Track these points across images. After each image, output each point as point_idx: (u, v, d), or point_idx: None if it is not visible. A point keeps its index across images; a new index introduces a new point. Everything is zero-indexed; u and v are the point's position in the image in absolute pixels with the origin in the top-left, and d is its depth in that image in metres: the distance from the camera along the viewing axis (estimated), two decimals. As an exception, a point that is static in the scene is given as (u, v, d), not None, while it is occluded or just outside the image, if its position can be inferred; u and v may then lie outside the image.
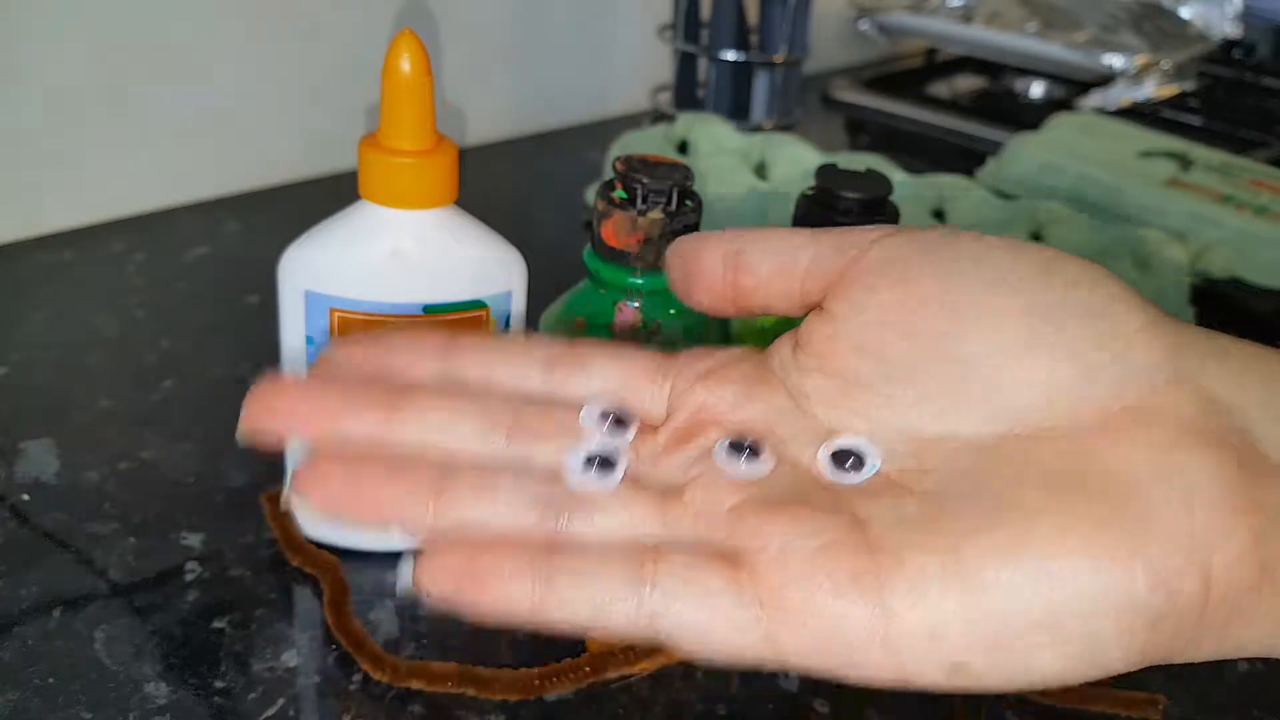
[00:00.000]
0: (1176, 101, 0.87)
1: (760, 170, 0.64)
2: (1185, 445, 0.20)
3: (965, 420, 0.21)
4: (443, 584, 0.20)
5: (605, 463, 0.22)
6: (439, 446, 0.22)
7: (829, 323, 0.23)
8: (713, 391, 0.23)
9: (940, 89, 0.94)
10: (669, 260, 0.26)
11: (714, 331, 0.37)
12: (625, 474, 0.22)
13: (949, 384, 0.21)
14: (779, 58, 0.73)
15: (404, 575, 0.21)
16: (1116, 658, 0.19)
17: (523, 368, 0.24)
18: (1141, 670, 0.20)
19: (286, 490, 0.22)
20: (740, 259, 0.24)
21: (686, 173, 0.34)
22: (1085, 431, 0.20)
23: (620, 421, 0.23)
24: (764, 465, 0.22)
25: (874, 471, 0.21)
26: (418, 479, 0.21)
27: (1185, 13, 0.94)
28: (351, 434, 0.22)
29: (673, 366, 0.24)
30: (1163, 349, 0.21)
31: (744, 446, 0.22)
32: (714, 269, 0.24)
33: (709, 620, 0.20)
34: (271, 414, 0.22)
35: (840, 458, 0.22)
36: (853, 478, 0.22)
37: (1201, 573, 0.19)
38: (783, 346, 0.24)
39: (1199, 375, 0.21)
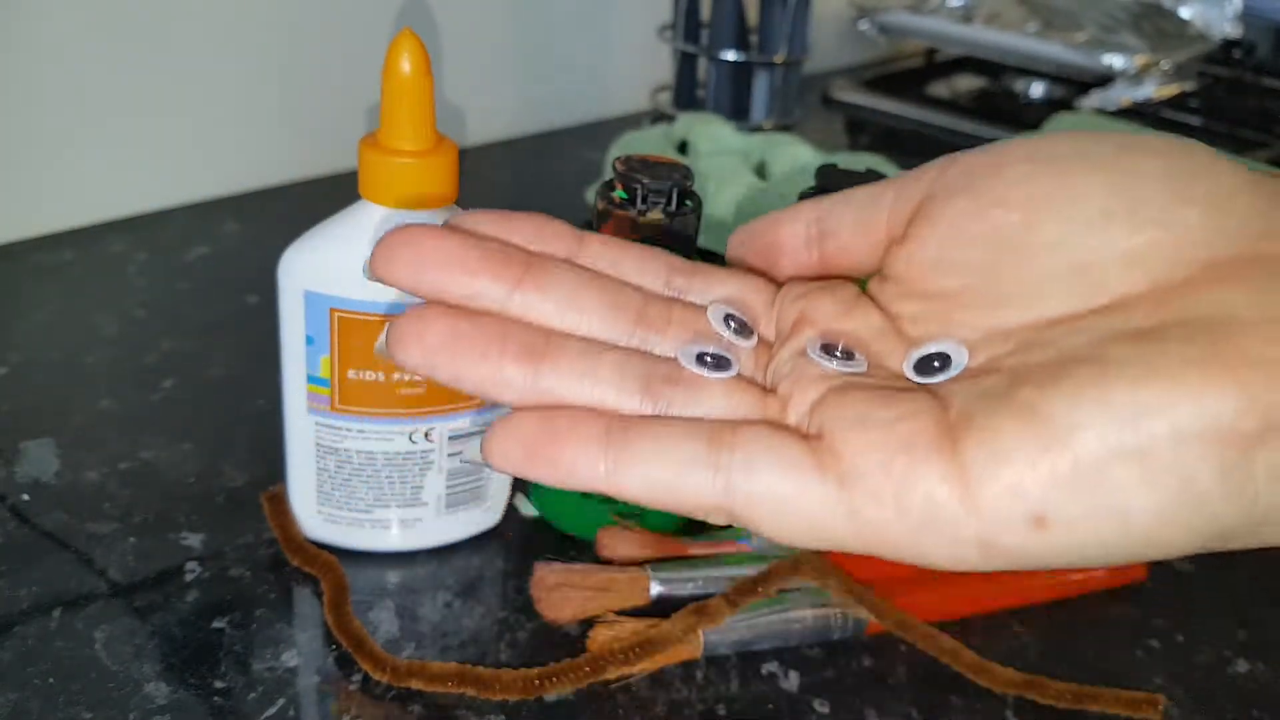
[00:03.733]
0: (1176, 101, 0.87)
1: (760, 170, 0.64)
2: None
3: (1051, 304, 0.21)
4: (515, 448, 0.20)
5: (720, 360, 0.22)
6: (562, 321, 0.22)
7: (906, 246, 0.22)
8: (812, 303, 0.23)
9: (940, 89, 0.94)
10: (735, 243, 0.26)
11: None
12: (736, 374, 0.22)
13: (1031, 275, 0.21)
14: (779, 58, 0.73)
15: (473, 447, 0.21)
16: (1214, 490, 0.18)
17: (648, 268, 0.24)
18: (1138, 670, 0.19)
19: (381, 340, 0.21)
20: (823, 224, 0.24)
21: (686, 173, 0.34)
22: (1176, 289, 0.19)
23: (743, 326, 0.23)
24: (858, 365, 0.22)
25: (960, 369, 0.21)
26: (524, 340, 0.21)
27: (1185, 13, 0.94)
28: (479, 293, 0.21)
29: (781, 290, 0.24)
30: (1267, 199, 0.20)
31: (836, 347, 0.22)
32: (795, 241, 0.24)
33: (789, 491, 0.20)
34: (403, 259, 0.21)
35: (926, 362, 0.22)
36: (940, 377, 0.21)
37: None
38: (875, 279, 0.24)
39: None
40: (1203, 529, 0.18)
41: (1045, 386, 0.19)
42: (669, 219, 0.33)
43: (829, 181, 0.36)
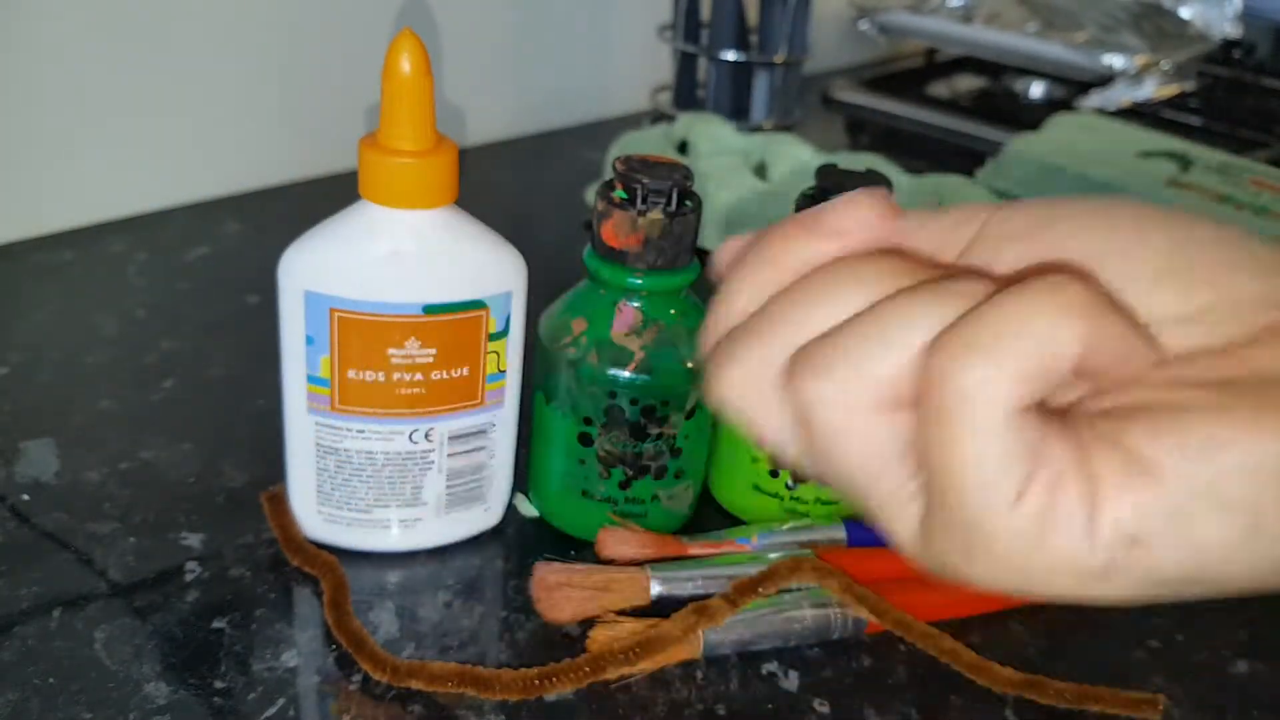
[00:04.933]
0: (1176, 101, 0.87)
1: (760, 170, 0.64)
2: None
3: None
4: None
5: None
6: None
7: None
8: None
9: (940, 89, 0.94)
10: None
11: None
12: None
13: None
14: (779, 58, 0.73)
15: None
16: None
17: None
18: (1138, 670, 0.19)
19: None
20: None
21: (686, 173, 0.34)
22: (1240, 346, 0.20)
23: None
24: None
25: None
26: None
27: (1185, 13, 0.94)
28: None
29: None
30: None
31: None
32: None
33: None
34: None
35: None
36: None
37: None
38: None
39: None
40: (1265, 567, 0.19)
41: (1124, 421, 0.20)
42: (669, 219, 0.33)
43: (829, 181, 0.36)
